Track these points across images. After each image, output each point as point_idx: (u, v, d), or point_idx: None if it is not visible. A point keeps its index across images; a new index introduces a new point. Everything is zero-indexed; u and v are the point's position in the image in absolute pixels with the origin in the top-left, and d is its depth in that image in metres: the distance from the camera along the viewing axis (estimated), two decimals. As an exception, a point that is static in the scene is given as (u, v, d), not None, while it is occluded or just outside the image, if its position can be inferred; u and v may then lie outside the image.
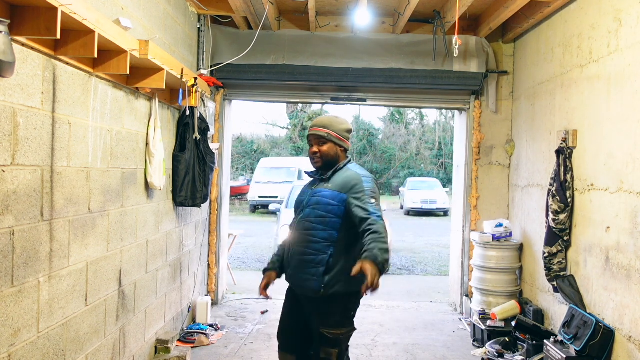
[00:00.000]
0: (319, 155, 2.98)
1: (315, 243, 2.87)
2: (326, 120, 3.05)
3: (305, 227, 2.91)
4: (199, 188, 4.66)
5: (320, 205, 2.89)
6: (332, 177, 2.96)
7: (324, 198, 2.90)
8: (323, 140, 2.98)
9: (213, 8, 5.23)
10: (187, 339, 4.83)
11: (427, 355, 4.75)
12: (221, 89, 5.99)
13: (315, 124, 3.04)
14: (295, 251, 2.96)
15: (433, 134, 30.98)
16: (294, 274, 2.97)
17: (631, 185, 3.48)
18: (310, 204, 2.94)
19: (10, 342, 2.34)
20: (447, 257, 8.22)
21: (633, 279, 3.41)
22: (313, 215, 2.90)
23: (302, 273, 2.91)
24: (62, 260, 2.76)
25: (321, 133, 2.98)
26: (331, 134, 2.98)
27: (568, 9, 4.53)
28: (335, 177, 2.95)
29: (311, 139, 3.02)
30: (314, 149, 3.00)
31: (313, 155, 3.00)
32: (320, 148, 2.98)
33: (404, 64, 5.85)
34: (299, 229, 2.95)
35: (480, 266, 5.48)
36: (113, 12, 3.21)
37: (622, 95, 3.64)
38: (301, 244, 2.92)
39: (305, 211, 2.95)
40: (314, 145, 3.00)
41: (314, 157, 3.00)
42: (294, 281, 3.01)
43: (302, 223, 2.94)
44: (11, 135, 2.31)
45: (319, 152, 2.98)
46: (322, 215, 2.87)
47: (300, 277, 2.92)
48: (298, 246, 2.94)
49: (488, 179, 6.00)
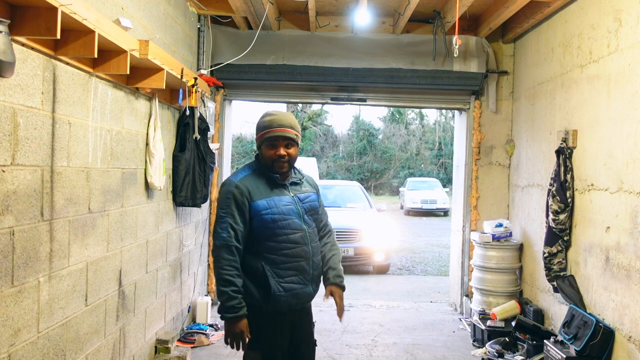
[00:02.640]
0: (286, 159, 2.63)
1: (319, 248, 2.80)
2: (291, 119, 2.70)
3: (314, 235, 2.74)
4: (199, 188, 4.66)
5: (315, 209, 2.78)
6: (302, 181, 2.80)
7: (314, 202, 2.78)
8: (292, 143, 2.65)
9: (213, 8, 5.23)
10: (187, 339, 4.83)
11: (427, 355, 4.75)
12: (221, 89, 5.99)
13: (282, 124, 2.64)
14: (316, 264, 2.72)
15: (433, 134, 30.99)
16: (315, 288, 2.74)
17: (631, 185, 3.48)
18: (307, 212, 2.72)
19: (10, 342, 2.34)
20: (447, 257, 8.23)
21: (633, 279, 3.41)
22: (313, 222, 2.76)
23: (317, 283, 2.76)
24: (62, 260, 2.76)
25: (291, 135, 2.64)
26: (299, 135, 2.71)
27: (568, 9, 4.53)
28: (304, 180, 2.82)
29: (277, 140, 2.62)
30: (282, 151, 2.61)
31: (279, 159, 2.62)
32: (289, 151, 2.64)
33: (404, 64, 5.85)
34: (312, 241, 2.71)
35: (480, 266, 5.48)
36: (113, 12, 3.21)
37: (622, 95, 3.64)
38: (317, 255, 2.74)
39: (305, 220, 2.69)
40: (281, 148, 2.62)
41: (280, 161, 2.62)
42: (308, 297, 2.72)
43: (311, 233, 2.71)
44: (11, 135, 2.31)
45: (287, 156, 2.64)
46: (316, 219, 2.80)
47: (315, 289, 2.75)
48: (316, 258, 2.73)
49: (488, 179, 6.00)
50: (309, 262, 2.66)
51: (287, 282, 2.61)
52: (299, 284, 2.64)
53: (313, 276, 2.70)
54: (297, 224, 2.64)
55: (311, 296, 2.74)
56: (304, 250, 2.64)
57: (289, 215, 2.62)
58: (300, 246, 2.63)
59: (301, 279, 2.64)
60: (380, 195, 28.54)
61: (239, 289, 2.51)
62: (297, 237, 2.63)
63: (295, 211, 2.65)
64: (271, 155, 2.62)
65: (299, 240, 2.63)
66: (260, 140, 2.68)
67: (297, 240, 2.62)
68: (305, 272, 2.65)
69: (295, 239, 2.62)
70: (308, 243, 2.66)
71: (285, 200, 2.65)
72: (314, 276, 2.71)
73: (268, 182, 2.67)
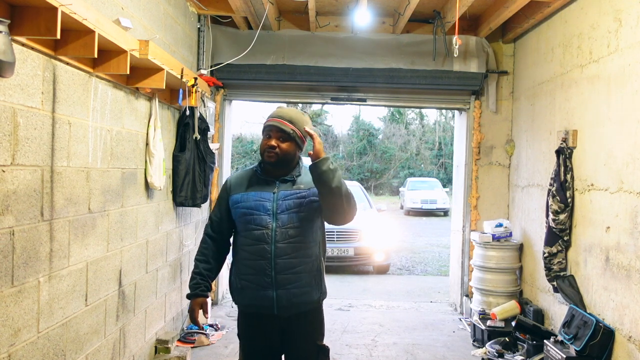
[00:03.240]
0: (276, 151, 2.53)
1: (307, 249, 2.56)
2: (293, 114, 2.60)
3: (289, 235, 2.51)
4: (199, 188, 4.66)
5: (303, 207, 2.55)
6: (297, 179, 2.61)
7: (305, 198, 2.55)
8: (285, 137, 2.55)
9: (213, 8, 5.23)
10: (187, 339, 4.83)
11: (427, 355, 4.75)
12: (221, 89, 5.99)
13: (280, 115, 2.58)
14: (282, 266, 2.49)
15: (433, 134, 30.99)
16: (285, 292, 2.51)
17: (631, 185, 3.48)
18: (287, 209, 2.53)
19: (10, 342, 2.34)
20: (447, 257, 8.23)
21: (633, 279, 3.41)
22: (297, 220, 2.53)
23: (296, 287, 2.52)
24: (62, 260, 2.76)
25: (286, 128, 2.54)
26: (296, 132, 2.56)
27: (568, 9, 4.53)
28: (301, 178, 2.62)
29: (272, 130, 2.56)
30: (272, 142, 2.53)
31: (269, 149, 2.54)
32: (280, 144, 2.54)
33: (404, 64, 5.85)
34: (280, 240, 2.50)
35: (480, 266, 5.48)
36: (113, 12, 3.21)
37: (622, 95, 3.64)
38: (289, 256, 2.50)
39: (279, 217, 2.51)
40: (273, 139, 2.54)
41: (268, 151, 2.54)
42: (282, 302, 2.51)
43: (281, 232, 2.50)
44: (11, 135, 2.31)
45: (278, 148, 2.53)
46: (308, 217, 2.56)
47: (294, 293, 2.52)
48: (284, 259, 2.50)
49: (488, 179, 6.00)
50: (270, 262, 2.49)
51: (243, 279, 2.57)
52: (255, 284, 2.52)
53: (277, 279, 2.49)
54: (263, 220, 2.51)
55: (273, 301, 2.50)
56: (263, 249, 2.50)
57: (256, 210, 2.54)
58: (259, 244, 2.51)
59: (258, 279, 2.51)
60: (380, 195, 28.54)
61: (199, 271, 2.65)
62: (259, 234, 2.51)
63: (266, 207, 2.52)
64: (263, 144, 2.59)
65: (260, 237, 2.51)
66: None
67: (258, 237, 2.51)
68: (263, 273, 2.50)
69: (256, 235, 2.52)
70: (271, 242, 2.49)
71: (259, 196, 2.56)
72: (278, 280, 2.49)
73: (253, 178, 2.65)
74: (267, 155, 2.55)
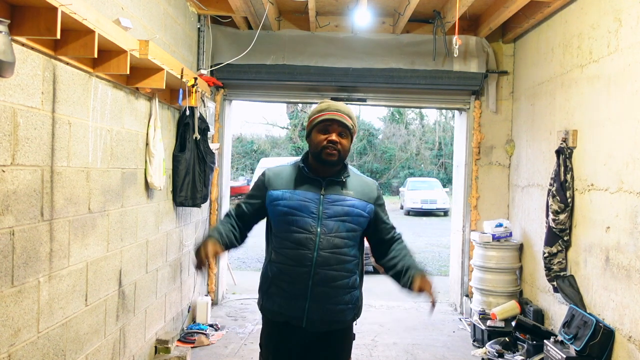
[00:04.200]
0: (338, 147, 2.32)
1: (347, 263, 2.34)
2: (350, 110, 2.40)
3: (335, 245, 2.29)
4: (199, 188, 4.66)
5: (352, 217, 2.34)
6: (347, 182, 2.39)
7: (355, 209, 2.35)
8: (346, 132, 2.35)
9: (213, 8, 5.23)
10: (187, 339, 4.83)
11: (427, 355, 4.75)
12: (221, 89, 5.99)
13: (340, 110, 2.36)
14: (322, 277, 2.28)
15: (433, 134, 30.98)
16: (318, 307, 2.30)
17: (631, 185, 3.48)
18: (335, 215, 2.32)
19: (10, 342, 2.34)
20: (447, 257, 8.22)
21: (633, 279, 3.41)
22: (344, 230, 2.31)
23: (332, 304, 2.31)
24: (62, 260, 2.76)
25: (348, 123, 2.34)
26: (355, 128, 2.39)
27: (568, 9, 4.53)
28: (350, 182, 2.40)
29: (333, 124, 2.33)
30: (334, 137, 2.31)
31: (331, 144, 2.30)
32: (342, 139, 2.33)
33: (404, 64, 5.85)
34: (325, 248, 2.28)
35: (480, 266, 5.48)
36: (113, 12, 3.21)
37: (622, 95, 3.64)
38: (331, 267, 2.29)
39: (324, 223, 2.30)
40: (334, 134, 2.31)
41: (330, 147, 2.30)
42: (314, 316, 2.31)
43: (327, 240, 2.29)
44: (11, 135, 2.31)
45: (340, 144, 2.32)
46: (353, 229, 2.35)
47: (329, 309, 2.31)
48: (326, 269, 2.28)
49: (488, 179, 6.00)
50: (310, 271, 2.27)
51: (276, 284, 2.35)
52: (287, 292, 2.32)
53: (312, 292, 2.28)
54: (307, 223, 2.29)
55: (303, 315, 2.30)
56: (304, 255, 2.28)
57: (300, 211, 2.31)
58: (301, 249, 2.28)
59: (293, 287, 2.30)
60: (380, 195, 28.49)
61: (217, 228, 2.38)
62: (301, 238, 2.28)
63: (312, 210, 2.30)
64: (321, 140, 2.31)
65: (303, 241, 2.28)
66: (311, 126, 2.38)
67: (300, 241, 2.28)
68: (298, 282, 2.29)
69: (299, 239, 2.29)
70: (314, 249, 2.27)
71: (304, 195, 2.33)
72: (314, 292, 2.28)
73: (297, 175, 2.40)
74: (328, 152, 2.30)
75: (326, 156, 2.32)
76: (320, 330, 2.35)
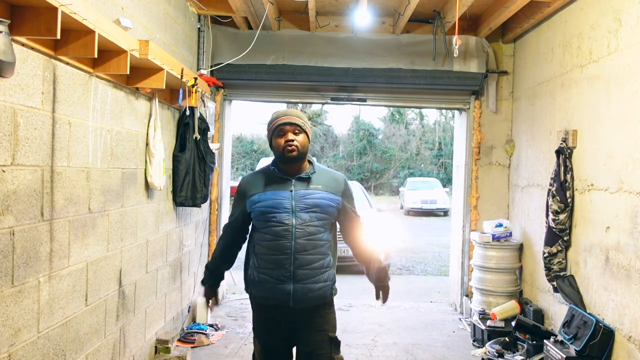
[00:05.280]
0: (295, 143, 2.66)
1: (321, 247, 2.70)
2: (297, 112, 2.80)
3: (309, 232, 2.65)
4: (199, 188, 4.66)
5: (321, 208, 2.69)
6: (312, 178, 2.73)
7: (324, 200, 2.70)
8: (299, 130, 2.70)
9: (213, 8, 5.23)
10: (187, 339, 4.83)
11: (427, 355, 4.75)
12: (221, 89, 5.99)
13: (289, 113, 2.75)
14: (301, 262, 2.63)
15: (433, 134, 30.99)
16: (302, 287, 2.64)
17: (631, 185, 3.48)
18: (306, 208, 2.66)
19: (10, 342, 2.34)
20: (447, 257, 8.22)
21: (633, 279, 3.41)
22: (315, 219, 2.67)
23: (312, 283, 2.66)
24: (62, 260, 2.76)
25: (298, 122, 2.71)
26: (306, 124, 2.75)
27: (568, 9, 4.53)
28: (317, 177, 2.74)
29: (285, 127, 2.69)
30: (289, 136, 2.67)
31: (288, 143, 2.66)
32: (296, 137, 2.68)
33: (404, 64, 5.85)
34: (300, 237, 2.64)
35: (480, 266, 5.48)
36: (113, 12, 3.22)
37: (622, 95, 3.64)
38: (308, 252, 2.65)
39: (298, 215, 2.64)
40: (288, 133, 2.68)
41: (289, 146, 2.66)
42: (298, 296, 2.64)
43: (302, 229, 2.64)
44: (11, 135, 2.31)
45: (295, 141, 2.67)
46: (324, 218, 2.71)
47: (310, 288, 2.66)
48: (303, 255, 2.64)
49: (488, 179, 6.00)
50: (289, 257, 2.63)
51: (262, 272, 2.69)
52: (273, 278, 2.65)
53: (295, 274, 2.63)
54: (283, 217, 2.64)
55: (289, 295, 2.63)
56: (283, 245, 2.63)
57: (275, 208, 2.66)
58: (280, 240, 2.63)
59: (277, 273, 2.64)
60: (380, 195, 28.53)
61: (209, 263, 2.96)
62: (279, 230, 2.64)
63: (285, 205, 2.65)
64: (280, 142, 2.69)
65: (280, 233, 2.63)
66: (270, 134, 2.76)
67: (279, 233, 2.64)
68: (282, 267, 2.63)
69: (277, 231, 2.64)
70: (292, 238, 2.63)
71: (277, 194, 2.68)
72: (296, 274, 2.63)
73: (268, 178, 2.75)
74: (288, 150, 2.66)
75: (288, 153, 2.68)
76: (305, 307, 2.69)
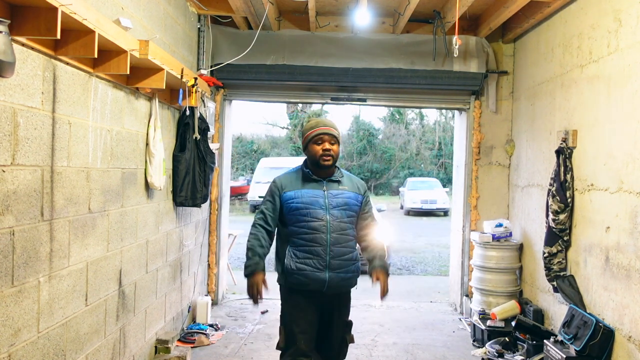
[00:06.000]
0: (331, 153, 3.05)
1: (350, 241, 3.08)
2: (335, 123, 3.16)
3: (341, 228, 3.03)
4: (199, 188, 4.66)
5: (349, 206, 3.08)
6: (341, 180, 3.13)
7: (350, 199, 3.09)
8: (335, 140, 3.08)
9: (213, 8, 5.23)
10: (187, 339, 4.83)
11: (427, 355, 4.75)
12: (221, 89, 5.99)
13: (328, 124, 3.12)
14: (335, 253, 3.01)
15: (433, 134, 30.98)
16: (335, 275, 3.00)
17: (631, 185, 3.48)
18: (337, 205, 3.04)
19: (10, 342, 2.34)
20: (447, 257, 8.23)
21: (633, 279, 3.41)
22: (345, 216, 3.05)
23: (344, 272, 3.04)
24: (62, 260, 2.76)
25: (335, 133, 3.09)
26: (339, 136, 3.14)
27: (568, 9, 4.53)
28: (344, 180, 3.15)
29: (324, 137, 3.06)
30: (327, 145, 3.04)
31: (326, 152, 3.04)
32: (333, 147, 3.06)
33: (404, 64, 5.85)
34: (334, 231, 3.01)
35: (480, 266, 5.48)
36: (113, 12, 3.22)
37: (622, 95, 3.64)
38: (341, 245, 3.02)
39: (331, 212, 3.01)
40: (326, 143, 3.05)
41: (325, 155, 3.04)
42: (332, 283, 3.01)
43: (335, 224, 3.01)
44: (11, 135, 2.31)
45: (332, 151, 3.05)
46: (351, 215, 3.09)
47: (342, 277, 3.03)
48: (337, 247, 3.01)
49: (488, 179, 6.00)
50: (326, 249, 2.98)
51: (300, 262, 2.99)
52: (311, 266, 2.97)
53: (330, 264, 2.98)
54: (319, 213, 2.99)
55: (325, 282, 2.98)
56: (321, 237, 2.97)
57: (311, 205, 3.00)
58: (317, 233, 2.97)
59: (315, 262, 2.97)
60: (380, 195, 28.52)
61: (254, 250, 2.98)
62: (317, 225, 2.98)
63: (320, 203, 3.01)
64: (317, 150, 3.04)
65: (318, 227, 2.98)
66: (307, 140, 3.10)
67: (316, 228, 2.98)
68: (319, 257, 2.97)
69: (314, 226, 2.98)
70: (327, 232, 2.98)
71: (312, 193, 3.03)
72: (331, 264, 2.98)
73: (303, 178, 3.10)
74: (324, 158, 3.03)
75: (323, 162, 3.05)
76: (334, 293, 3.07)
